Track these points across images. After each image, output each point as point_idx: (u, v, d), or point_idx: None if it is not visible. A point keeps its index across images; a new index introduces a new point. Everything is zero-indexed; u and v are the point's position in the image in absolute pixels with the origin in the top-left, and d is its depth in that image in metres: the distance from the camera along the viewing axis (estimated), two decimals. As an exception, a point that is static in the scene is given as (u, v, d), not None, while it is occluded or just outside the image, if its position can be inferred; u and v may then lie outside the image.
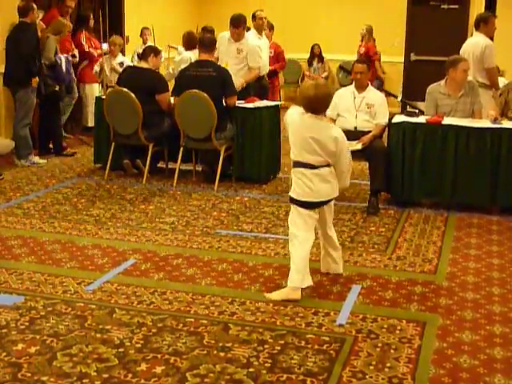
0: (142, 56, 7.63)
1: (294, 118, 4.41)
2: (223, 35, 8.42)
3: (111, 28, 10.79)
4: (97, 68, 9.52)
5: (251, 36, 8.95)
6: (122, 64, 9.46)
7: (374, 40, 12.97)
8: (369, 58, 12.18)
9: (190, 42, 8.87)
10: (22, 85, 8.00)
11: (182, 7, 14.07)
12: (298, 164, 4.41)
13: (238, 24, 8.17)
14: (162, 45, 10.95)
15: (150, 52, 7.60)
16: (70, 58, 9.14)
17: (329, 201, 4.49)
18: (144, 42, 11.15)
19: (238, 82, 7.89)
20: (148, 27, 11.33)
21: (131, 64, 9.08)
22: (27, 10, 8.04)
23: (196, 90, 6.99)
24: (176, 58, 9.35)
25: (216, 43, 7.62)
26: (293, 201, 4.45)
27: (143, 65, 7.57)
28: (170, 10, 13.27)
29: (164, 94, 7.44)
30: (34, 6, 8.20)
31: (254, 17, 9.28)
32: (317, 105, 4.29)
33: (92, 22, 10.17)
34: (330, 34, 13.72)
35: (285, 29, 13.02)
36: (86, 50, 9.92)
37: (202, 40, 7.51)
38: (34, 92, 8.11)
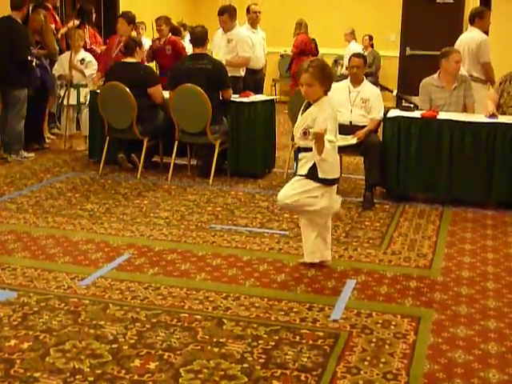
0: (128, 51, 7.52)
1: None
2: (218, 30, 8.44)
3: (106, 23, 10.73)
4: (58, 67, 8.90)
5: (244, 29, 8.94)
6: (82, 61, 8.82)
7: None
8: (304, 50, 11.70)
9: (175, 33, 9.70)
10: (15, 83, 7.95)
11: (177, 2, 14.02)
12: (333, 142, 4.52)
13: (221, 12, 8.30)
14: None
15: (135, 46, 7.52)
16: (34, 51, 8.39)
17: None
18: (138, 37, 11.07)
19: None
20: (143, 22, 11.30)
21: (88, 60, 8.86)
22: (20, 5, 7.96)
23: (190, 84, 6.97)
24: None
25: (207, 35, 7.54)
26: (328, 181, 4.56)
27: (130, 59, 7.51)
28: (165, 5, 13.23)
29: (155, 87, 7.42)
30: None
31: (248, 10, 9.25)
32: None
33: (94, 16, 10.07)
34: (325, 28, 13.69)
35: (281, 23, 13.01)
36: (88, 47, 9.51)
37: (193, 34, 7.47)
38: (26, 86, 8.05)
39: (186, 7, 14.16)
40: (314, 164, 4.48)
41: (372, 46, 13.36)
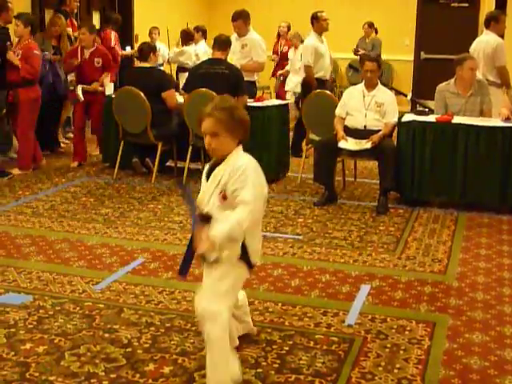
0: (142, 56, 7.58)
1: None
2: (232, 36, 8.45)
3: (120, 27, 10.80)
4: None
5: (312, 39, 8.90)
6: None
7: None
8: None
9: (186, 37, 10.52)
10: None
11: (191, 6, 14.07)
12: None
13: (234, 17, 8.26)
14: (172, 44, 11.04)
15: (150, 51, 7.60)
16: (48, 57, 8.41)
17: None
18: (152, 42, 11.11)
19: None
20: (156, 27, 11.36)
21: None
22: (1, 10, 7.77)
23: (205, 89, 6.97)
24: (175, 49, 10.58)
25: (231, 44, 7.59)
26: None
27: (145, 64, 7.55)
28: (179, 10, 13.28)
29: (169, 91, 7.45)
30: (10, 5, 7.86)
31: (316, 18, 8.82)
32: None
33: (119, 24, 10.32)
34: (339, 32, 13.64)
35: (292, 28, 12.99)
36: (112, 45, 9.73)
37: (218, 39, 7.50)
38: None
39: (200, 12, 14.19)
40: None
41: (376, 31, 13.01)
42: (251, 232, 3.09)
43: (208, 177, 3.16)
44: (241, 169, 3.01)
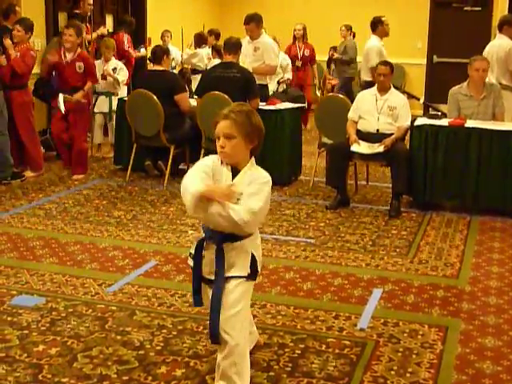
0: (156, 59, 7.60)
1: None
2: (245, 38, 8.46)
3: (133, 30, 10.84)
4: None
5: (375, 41, 8.99)
6: (114, 70, 8.79)
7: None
8: (311, 60, 11.72)
9: (200, 40, 10.81)
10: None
11: (204, 9, 14.10)
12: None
13: (247, 21, 8.25)
14: (186, 45, 11.06)
15: (163, 54, 7.61)
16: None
17: None
18: (164, 45, 11.11)
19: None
20: (169, 30, 11.39)
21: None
22: (8, 13, 7.86)
23: (217, 92, 7.00)
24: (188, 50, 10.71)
25: (241, 46, 7.62)
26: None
27: (158, 67, 7.58)
28: (192, 13, 13.30)
29: (182, 94, 7.46)
30: (18, 9, 7.94)
31: (380, 22, 9.05)
32: None
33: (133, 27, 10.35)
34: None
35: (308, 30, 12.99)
36: (126, 48, 9.75)
37: (228, 42, 7.53)
38: None
39: (213, 15, 14.22)
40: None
41: (353, 36, 12.97)
42: (256, 243, 3.11)
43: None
44: (263, 179, 3.00)
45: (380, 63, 6.82)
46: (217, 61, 9.59)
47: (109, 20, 11.53)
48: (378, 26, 9.02)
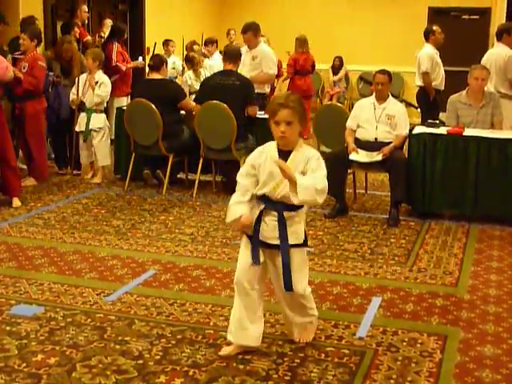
0: (154, 67, 7.60)
1: None
2: (243, 47, 8.49)
3: (132, 40, 10.85)
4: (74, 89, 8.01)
5: (429, 49, 9.07)
6: (96, 83, 7.86)
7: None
8: (310, 69, 11.50)
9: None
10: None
11: (203, 17, 14.14)
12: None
13: (244, 30, 8.35)
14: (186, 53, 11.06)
15: (162, 63, 7.65)
16: (51, 78, 8.04)
17: None
18: (167, 55, 11.03)
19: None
20: (171, 39, 11.39)
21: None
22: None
23: (216, 101, 7.01)
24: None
25: (241, 55, 7.66)
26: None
27: (157, 76, 7.59)
28: (191, 20, 13.34)
29: (185, 100, 7.62)
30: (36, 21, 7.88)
31: (432, 32, 9.23)
32: None
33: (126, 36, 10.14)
34: (351, 44, 13.72)
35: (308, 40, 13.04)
36: (113, 64, 9.30)
37: (228, 51, 7.57)
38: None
39: (212, 24, 14.24)
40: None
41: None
42: (304, 216, 3.65)
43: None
44: (317, 155, 3.56)
45: (378, 72, 6.82)
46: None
47: (107, 29, 11.51)
48: (429, 35, 9.21)
